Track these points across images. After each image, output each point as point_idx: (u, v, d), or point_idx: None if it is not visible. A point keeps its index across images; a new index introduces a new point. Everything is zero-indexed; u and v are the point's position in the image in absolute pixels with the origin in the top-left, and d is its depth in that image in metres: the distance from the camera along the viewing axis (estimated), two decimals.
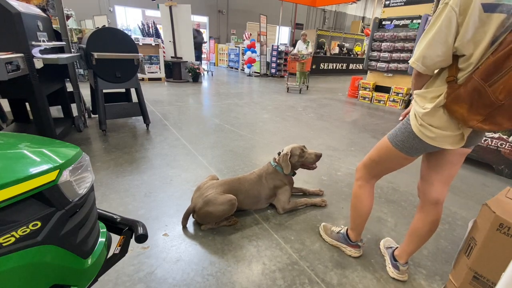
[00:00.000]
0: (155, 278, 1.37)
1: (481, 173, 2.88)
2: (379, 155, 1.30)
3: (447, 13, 0.91)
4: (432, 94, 1.04)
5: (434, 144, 1.07)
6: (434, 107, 1.02)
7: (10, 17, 2.10)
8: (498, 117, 0.90)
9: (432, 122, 1.04)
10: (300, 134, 3.81)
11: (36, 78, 2.33)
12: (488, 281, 1.11)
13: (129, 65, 3.28)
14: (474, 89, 0.90)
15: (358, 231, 1.52)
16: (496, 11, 0.84)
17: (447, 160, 1.19)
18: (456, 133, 1.03)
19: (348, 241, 1.57)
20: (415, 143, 1.12)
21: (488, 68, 0.87)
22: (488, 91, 0.87)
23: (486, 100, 0.88)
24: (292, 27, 18.34)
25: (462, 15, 0.89)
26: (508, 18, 0.84)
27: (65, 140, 1.49)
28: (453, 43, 0.93)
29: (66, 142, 0.91)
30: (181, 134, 3.47)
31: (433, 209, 1.28)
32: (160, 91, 6.44)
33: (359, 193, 1.42)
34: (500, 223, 1.05)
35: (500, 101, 0.86)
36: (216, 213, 1.68)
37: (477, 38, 0.89)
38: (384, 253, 1.60)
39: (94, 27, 6.98)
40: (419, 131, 1.08)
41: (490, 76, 0.86)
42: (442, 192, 1.25)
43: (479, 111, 0.91)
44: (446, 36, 0.92)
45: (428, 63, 0.99)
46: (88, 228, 0.82)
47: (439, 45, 0.94)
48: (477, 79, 0.89)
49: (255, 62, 10.71)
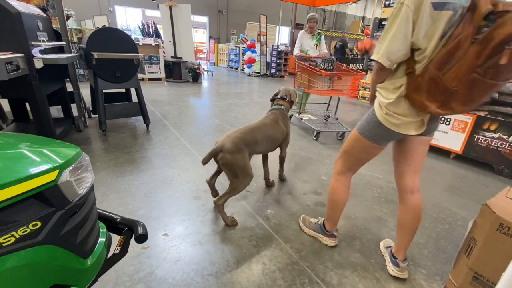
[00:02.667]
0: (155, 278, 1.37)
1: (481, 173, 2.88)
2: (350, 146, 1.39)
3: (404, 11, 1.02)
4: (394, 86, 1.16)
5: (398, 131, 1.18)
6: (397, 97, 1.13)
7: (10, 17, 2.10)
8: (452, 102, 1.02)
9: (396, 110, 1.15)
10: (300, 134, 3.81)
11: (36, 78, 2.33)
12: (488, 281, 1.11)
13: (129, 65, 3.27)
14: (430, 78, 1.01)
15: (333, 221, 1.60)
16: (444, 8, 0.96)
17: (412, 150, 1.30)
18: (417, 119, 1.15)
19: (324, 231, 1.65)
20: (380, 130, 1.23)
21: (441, 59, 0.98)
22: (443, 80, 0.98)
23: (441, 87, 0.99)
24: (292, 27, 18.33)
25: (416, 13, 1.00)
26: (454, 15, 0.96)
27: (65, 140, 1.49)
28: (411, 38, 1.04)
29: (66, 142, 0.91)
30: (181, 134, 3.47)
31: (411, 197, 1.37)
32: (160, 91, 6.44)
33: (336, 186, 1.50)
34: (500, 223, 1.05)
35: (453, 87, 0.97)
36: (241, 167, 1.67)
37: (429, 33, 1.01)
38: (384, 253, 1.61)
39: (94, 27, 6.97)
40: (384, 119, 1.19)
41: (443, 66, 0.97)
42: (414, 181, 1.36)
43: (436, 98, 1.02)
44: (406, 32, 1.03)
45: (392, 58, 1.09)
46: (88, 228, 0.82)
47: (401, 40, 1.05)
48: (432, 69, 1.00)
49: (255, 62, 10.70)
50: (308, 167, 2.76)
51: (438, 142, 3.29)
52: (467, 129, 3.01)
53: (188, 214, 1.89)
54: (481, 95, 1.00)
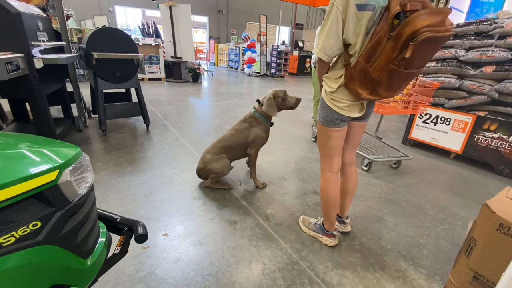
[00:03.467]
0: (155, 278, 1.37)
1: (481, 173, 2.88)
2: (320, 139, 1.53)
3: (334, 12, 1.17)
4: (335, 76, 1.32)
5: (344, 114, 1.34)
6: (338, 86, 1.30)
7: (10, 17, 2.10)
8: (379, 89, 1.19)
9: (340, 96, 1.33)
10: (300, 134, 3.81)
11: (36, 78, 2.33)
12: (488, 281, 1.11)
13: (129, 65, 3.28)
14: (361, 69, 1.18)
15: (331, 220, 1.63)
16: (365, 9, 1.12)
17: (353, 134, 1.53)
18: (358, 103, 1.33)
19: (324, 231, 1.68)
20: (332, 115, 1.38)
21: (367, 53, 1.14)
22: (370, 70, 1.15)
23: (369, 77, 1.16)
24: (292, 27, 18.34)
25: (344, 13, 1.15)
26: (374, 14, 1.13)
27: (65, 140, 1.49)
28: (342, 34, 1.20)
29: (66, 142, 0.91)
30: (181, 134, 3.47)
31: (349, 169, 1.64)
32: (160, 91, 6.44)
33: (324, 185, 1.57)
34: (500, 223, 1.05)
35: (377, 77, 1.14)
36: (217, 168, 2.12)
37: (357, 30, 1.17)
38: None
39: (94, 27, 6.97)
40: (332, 104, 1.35)
41: (369, 59, 1.14)
42: (352, 156, 1.63)
43: (366, 86, 1.20)
44: (337, 29, 1.19)
45: (328, 52, 1.25)
46: (88, 228, 0.82)
47: (333, 37, 1.20)
48: (361, 62, 1.17)
49: (255, 62, 10.71)
50: (308, 167, 2.76)
51: (438, 142, 3.29)
52: (467, 129, 3.01)
53: (188, 214, 1.89)
54: (401, 82, 1.19)
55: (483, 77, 2.82)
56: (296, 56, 11.48)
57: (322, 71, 1.39)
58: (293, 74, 11.77)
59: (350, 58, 1.23)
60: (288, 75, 11.48)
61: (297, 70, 11.59)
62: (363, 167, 2.77)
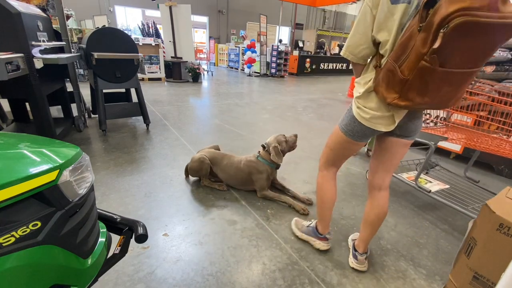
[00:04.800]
0: (155, 278, 1.37)
1: (481, 173, 2.88)
2: (332, 141, 1.40)
3: (363, 8, 1.08)
4: (364, 80, 1.18)
5: (368, 125, 1.18)
6: (365, 91, 1.15)
7: (10, 17, 2.10)
8: (409, 93, 1.00)
9: (366, 104, 1.17)
10: (300, 134, 3.80)
11: (36, 78, 2.33)
12: (488, 281, 1.11)
13: (129, 65, 3.27)
14: (389, 69, 1.02)
15: (325, 222, 1.56)
16: (399, 1, 0.98)
17: (389, 150, 1.30)
18: (386, 114, 1.14)
19: (317, 234, 1.60)
20: (355, 126, 1.23)
21: (397, 50, 0.99)
22: (398, 71, 0.98)
23: (397, 78, 0.99)
24: (292, 27, 18.35)
25: (375, 8, 1.04)
26: (410, 7, 0.97)
27: (65, 140, 1.49)
28: (371, 32, 1.07)
29: (66, 142, 0.91)
30: (181, 134, 3.47)
31: (378, 194, 1.40)
32: (160, 91, 6.44)
33: (321, 182, 1.49)
34: (500, 223, 1.05)
35: (406, 77, 0.96)
36: (192, 167, 2.23)
37: (389, 27, 1.03)
38: (350, 246, 1.63)
39: (94, 27, 6.97)
40: (357, 113, 1.21)
41: (399, 57, 0.98)
42: (384, 179, 1.38)
43: (394, 89, 1.02)
44: (364, 26, 1.08)
45: (353, 52, 1.14)
46: (88, 228, 0.82)
47: (360, 35, 1.10)
48: (390, 61, 1.02)
49: (255, 62, 10.71)
50: (308, 167, 2.76)
51: None
52: None
53: (188, 214, 1.89)
54: (439, 86, 0.97)
55: (483, 77, 2.82)
56: (296, 56, 11.48)
57: (356, 75, 1.26)
58: (293, 74, 11.77)
59: (381, 58, 1.10)
60: (288, 75, 11.48)
61: (297, 70, 11.59)
62: None
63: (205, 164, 2.20)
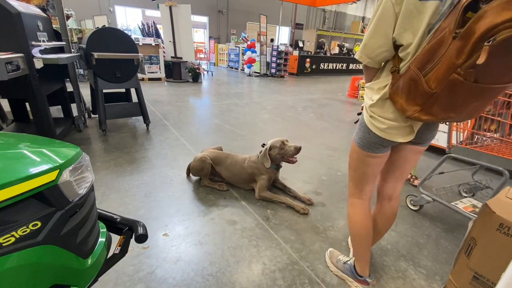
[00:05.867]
0: (155, 278, 1.37)
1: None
2: (352, 160, 1.24)
3: (384, 4, 0.90)
4: (378, 85, 1.03)
5: (385, 137, 1.05)
6: (380, 98, 1.01)
7: (10, 17, 2.10)
8: (433, 107, 0.88)
9: (380, 113, 1.03)
10: (300, 134, 3.81)
11: (36, 78, 2.33)
12: (488, 281, 1.11)
13: (129, 65, 3.28)
14: (411, 78, 0.89)
15: (363, 261, 1.33)
16: None
17: (402, 157, 1.18)
18: (404, 125, 1.01)
19: (355, 275, 1.36)
20: (371, 137, 1.09)
21: (423, 56, 0.85)
22: (423, 81, 0.85)
23: (421, 89, 0.86)
24: (292, 27, 18.35)
25: (399, 4, 0.88)
26: (442, 5, 0.82)
27: (65, 140, 1.49)
28: (392, 33, 0.92)
29: (66, 142, 0.91)
30: (181, 134, 3.47)
31: (387, 204, 1.31)
32: (160, 91, 6.44)
33: (350, 213, 1.30)
34: (500, 223, 1.05)
35: (432, 90, 0.83)
36: (194, 166, 2.25)
37: (414, 27, 0.87)
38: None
39: (94, 27, 6.97)
40: (370, 123, 1.07)
41: (425, 65, 0.84)
42: (395, 188, 1.28)
43: (416, 101, 0.89)
44: (385, 27, 0.92)
45: (371, 55, 0.99)
46: (88, 228, 0.82)
47: (379, 36, 0.94)
48: (413, 68, 0.88)
49: (255, 62, 10.71)
50: (308, 167, 2.76)
51: (438, 142, 3.28)
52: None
53: (188, 214, 1.89)
54: (468, 101, 0.84)
55: None
56: (296, 56, 11.48)
57: (368, 78, 1.11)
58: (293, 74, 11.77)
59: (400, 62, 0.95)
60: (288, 75, 11.48)
61: (297, 70, 11.60)
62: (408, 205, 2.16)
63: (207, 163, 2.21)
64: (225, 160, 2.27)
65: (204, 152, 2.33)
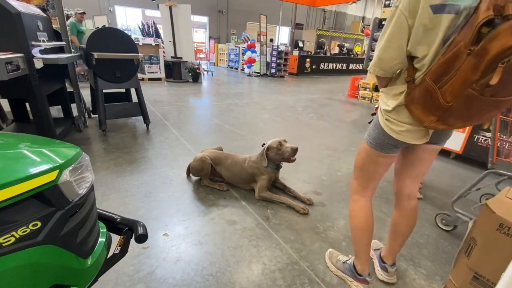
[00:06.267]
0: (155, 278, 1.37)
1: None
2: (361, 158, 1.26)
3: (397, 17, 0.90)
4: (394, 92, 1.05)
5: (400, 139, 1.06)
6: (396, 106, 1.02)
7: (10, 17, 2.10)
8: (450, 118, 0.89)
9: (396, 117, 1.05)
10: (300, 134, 3.81)
11: (36, 78, 2.33)
12: (488, 281, 1.11)
13: (129, 65, 3.28)
14: (426, 90, 0.89)
15: (362, 259, 1.34)
16: (444, 11, 0.83)
17: (419, 157, 1.19)
18: (420, 128, 1.02)
19: (354, 274, 1.37)
20: (385, 138, 1.11)
21: (438, 69, 0.85)
22: (438, 93, 0.86)
23: (437, 102, 0.87)
24: (292, 27, 18.36)
25: (412, 18, 0.88)
26: (457, 18, 0.82)
27: (65, 140, 1.49)
28: (406, 45, 0.93)
29: (66, 142, 0.91)
30: (181, 134, 3.47)
31: (408, 204, 1.31)
32: (160, 91, 6.44)
33: (353, 209, 1.32)
34: (500, 223, 1.05)
35: (448, 103, 0.84)
36: (194, 166, 2.25)
37: (429, 40, 0.88)
38: (372, 256, 1.56)
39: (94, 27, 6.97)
40: (386, 125, 1.08)
41: (440, 78, 0.85)
42: (414, 188, 1.29)
43: (432, 112, 0.91)
44: (399, 40, 0.93)
45: (385, 67, 1.00)
46: (88, 228, 0.82)
47: (393, 50, 0.95)
48: (428, 80, 0.88)
49: (255, 62, 10.71)
50: (308, 167, 2.76)
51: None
52: (467, 129, 3.01)
53: (188, 214, 1.89)
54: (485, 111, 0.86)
55: None
56: (296, 56, 11.49)
57: (381, 85, 1.13)
58: (293, 74, 11.77)
59: (415, 72, 0.96)
60: (288, 75, 11.48)
61: (297, 70, 11.60)
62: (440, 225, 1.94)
63: (207, 164, 2.21)
64: (225, 160, 2.27)
65: (204, 152, 2.33)
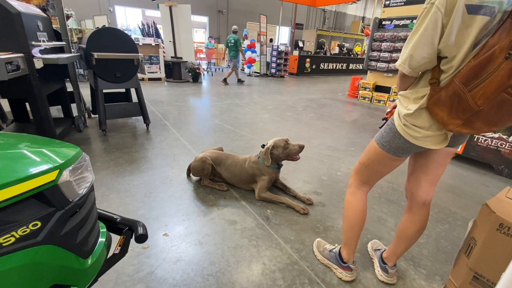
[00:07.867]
0: (155, 278, 1.37)
1: (481, 173, 2.88)
2: (368, 158, 1.26)
3: (433, 14, 0.88)
4: (415, 95, 1.03)
5: (418, 144, 1.06)
6: (417, 109, 1.01)
7: (10, 17, 2.10)
8: (477, 122, 0.89)
9: (415, 122, 1.03)
10: (300, 134, 3.81)
11: (36, 78, 2.33)
12: (488, 281, 1.11)
13: (129, 65, 3.28)
14: (455, 93, 0.88)
15: (350, 248, 1.39)
16: (479, 13, 0.81)
17: (434, 160, 1.17)
18: (439, 133, 1.02)
19: (339, 262, 1.43)
20: (401, 143, 1.10)
21: (469, 72, 0.85)
22: (468, 96, 0.85)
23: (466, 105, 0.87)
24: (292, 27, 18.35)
25: (448, 16, 0.86)
26: (491, 21, 0.81)
27: (65, 140, 1.49)
28: (438, 44, 0.91)
29: (66, 142, 0.91)
30: (181, 134, 3.47)
31: (421, 210, 1.27)
32: (160, 91, 6.44)
33: (350, 200, 1.34)
34: (500, 223, 1.05)
35: (479, 107, 0.84)
36: (194, 166, 2.24)
37: (460, 40, 0.87)
38: (372, 256, 1.57)
39: (94, 27, 6.97)
40: (403, 130, 1.07)
41: (471, 81, 0.84)
42: (429, 192, 1.25)
43: (458, 115, 0.90)
44: (432, 38, 0.90)
45: (414, 65, 0.97)
46: (88, 228, 0.82)
47: (425, 47, 0.92)
48: (457, 83, 0.87)
49: (255, 62, 10.71)
50: (308, 167, 2.76)
51: None
52: None
53: (188, 214, 1.89)
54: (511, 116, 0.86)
55: None
56: (296, 56, 11.49)
57: (403, 86, 1.09)
58: (293, 74, 11.77)
59: (440, 74, 0.95)
60: (288, 75, 11.48)
61: (297, 70, 11.60)
62: None
63: (207, 164, 2.21)
64: (225, 160, 2.27)
65: (204, 153, 2.33)
